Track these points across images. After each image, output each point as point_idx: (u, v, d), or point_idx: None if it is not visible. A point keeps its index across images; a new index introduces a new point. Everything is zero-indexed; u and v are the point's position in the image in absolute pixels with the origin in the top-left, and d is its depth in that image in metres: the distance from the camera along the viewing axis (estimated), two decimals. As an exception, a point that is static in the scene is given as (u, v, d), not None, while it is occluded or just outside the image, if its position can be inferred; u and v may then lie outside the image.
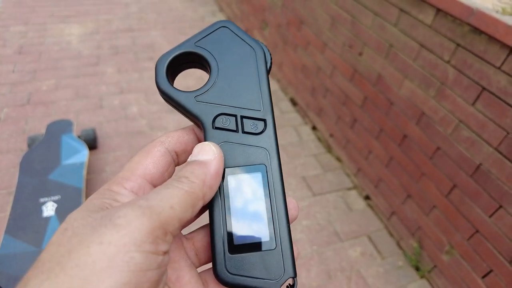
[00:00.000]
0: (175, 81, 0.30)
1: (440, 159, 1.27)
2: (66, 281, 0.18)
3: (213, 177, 0.24)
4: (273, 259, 0.26)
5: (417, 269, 1.46)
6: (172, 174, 0.28)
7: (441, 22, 1.16)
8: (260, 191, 0.27)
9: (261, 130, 0.28)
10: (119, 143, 1.85)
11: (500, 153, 1.06)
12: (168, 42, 2.81)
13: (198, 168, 0.24)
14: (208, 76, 0.29)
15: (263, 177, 0.27)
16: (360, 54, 1.57)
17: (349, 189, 1.79)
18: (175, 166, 0.29)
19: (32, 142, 1.67)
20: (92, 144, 1.75)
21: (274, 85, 2.46)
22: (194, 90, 0.28)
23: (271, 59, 0.30)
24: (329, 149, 1.98)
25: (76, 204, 1.36)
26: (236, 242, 0.26)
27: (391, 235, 1.59)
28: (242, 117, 0.28)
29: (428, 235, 1.39)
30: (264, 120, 0.28)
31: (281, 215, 0.26)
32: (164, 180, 0.27)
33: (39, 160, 1.50)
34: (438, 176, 1.29)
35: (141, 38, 2.83)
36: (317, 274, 1.40)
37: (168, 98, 0.28)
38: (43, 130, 1.79)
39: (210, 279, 0.27)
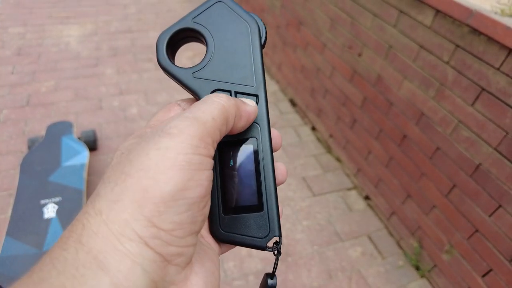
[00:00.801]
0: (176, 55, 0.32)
1: (440, 159, 1.28)
2: (134, 183, 0.20)
3: (247, 111, 0.27)
4: (261, 220, 0.29)
5: (417, 268, 1.47)
6: None
7: (440, 23, 1.17)
8: (251, 161, 0.29)
9: None
10: (119, 144, 1.85)
11: (500, 153, 1.06)
12: (167, 43, 2.81)
13: (240, 102, 0.27)
14: (206, 50, 0.30)
15: (254, 148, 0.29)
16: (360, 55, 1.58)
17: (349, 189, 1.79)
18: None
19: (32, 143, 1.67)
20: (92, 145, 1.75)
21: (273, 86, 2.46)
22: (192, 67, 0.30)
23: (266, 33, 0.31)
24: (328, 150, 1.99)
25: (77, 205, 1.36)
26: (228, 204, 0.29)
27: (391, 235, 1.60)
28: (236, 92, 0.29)
29: (428, 235, 1.40)
30: (257, 96, 0.30)
31: (269, 182, 0.29)
32: None
33: (40, 161, 1.50)
34: (438, 176, 1.30)
35: (140, 39, 2.83)
36: (318, 274, 1.41)
37: (169, 74, 0.30)
38: (42, 132, 1.79)
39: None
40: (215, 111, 0.24)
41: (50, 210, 1.33)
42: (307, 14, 1.91)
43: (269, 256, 1.40)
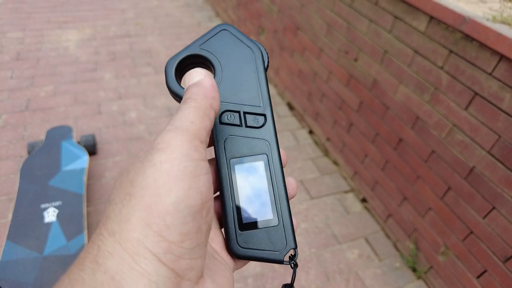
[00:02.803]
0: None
1: (435, 162, 1.30)
2: (138, 202, 0.21)
3: (210, 90, 0.27)
4: (276, 234, 0.30)
5: (414, 270, 1.49)
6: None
7: (434, 29, 1.19)
8: (263, 177, 0.31)
9: (262, 124, 0.32)
10: (118, 148, 1.87)
11: (493, 156, 1.09)
12: (165, 48, 2.84)
13: (195, 88, 0.27)
14: (213, 76, 0.32)
15: (265, 164, 0.31)
16: (356, 59, 1.61)
17: (346, 192, 1.82)
18: None
19: (32, 148, 1.68)
20: (91, 149, 1.76)
21: (271, 90, 2.48)
22: None
23: (268, 58, 0.33)
24: (326, 153, 2.01)
25: (77, 209, 1.38)
26: (244, 221, 0.30)
27: (388, 237, 1.62)
28: (245, 113, 0.31)
29: (424, 237, 1.42)
30: (264, 115, 0.32)
31: (282, 196, 0.30)
32: None
33: (40, 166, 1.51)
34: (433, 179, 1.32)
35: (138, 44, 2.85)
36: (315, 276, 1.42)
37: (178, 98, 0.31)
38: (42, 136, 1.80)
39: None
40: (190, 115, 0.25)
41: (50, 214, 1.34)
42: (304, 19, 1.93)
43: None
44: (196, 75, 0.29)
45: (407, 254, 1.52)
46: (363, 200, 1.76)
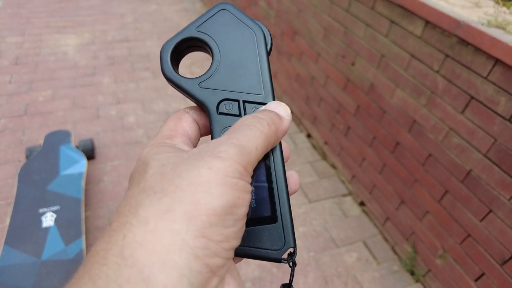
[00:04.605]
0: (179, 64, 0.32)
1: (432, 166, 1.30)
2: (186, 195, 0.21)
3: (283, 132, 0.27)
4: (275, 232, 0.28)
5: (412, 273, 1.49)
6: (198, 141, 0.31)
7: (430, 34, 1.20)
8: (263, 171, 0.29)
9: None
10: (117, 153, 1.87)
11: (489, 159, 1.09)
12: (163, 52, 2.84)
13: (275, 117, 0.27)
14: (211, 59, 0.30)
15: (265, 159, 0.29)
16: (353, 64, 1.62)
17: (344, 195, 1.82)
18: (199, 136, 0.31)
19: (30, 153, 1.68)
20: (90, 154, 1.76)
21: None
22: (198, 76, 0.29)
23: (271, 40, 0.31)
24: (324, 156, 2.02)
25: (75, 214, 1.38)
26: None
27: (386, 240, 1.62)
28: (245, 101, 0.29)
29: (422, 240, 1.42)
30: (265, 104, 0.29)
31: (282, 192, 0.29)
32: (197, 143, 0.30)
33: (38, 170, 1.51)
34: (430, 182, 1.33)
35: (137, 48, 2.86)
36: (314, 280, 1.42)
37: (174, 85, 0.29)
38: (40, 141, 1.80)
39: None
40: (258, 141, 0.24)
41: (48, 219, 1.34)
42: (301, 24, 1.95)
43: (266, 263, 1.41)
44: (284, 109, 0.28)
45: (405, 257, 1.52)
46: (361, 204, 1.76)
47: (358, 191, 1.78)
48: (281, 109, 0.28)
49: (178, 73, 0.29)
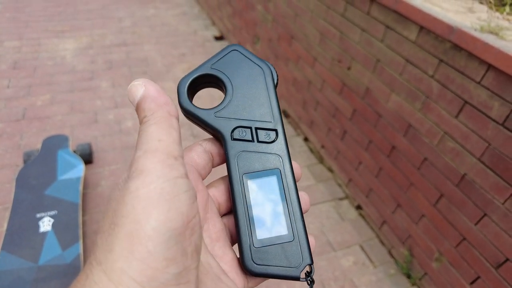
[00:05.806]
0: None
1: (427, 170, 1.31)
2: (120, 230, 0.21)
3: (158, 97, 0.26)
4: (292, 250, 0.29)
5: (409, 276, 1.50)
6: (210, 171, 0.32)
7: (425, 39, 1.22)
8: (276, 191, 0.31)
9: (273, 139, 0.32)
10: (114, 157, 1.88)
11: (483, 163, 1.10)
12: (161, 56, 2.86)
13: (143, 103, 0.26)
14: (224, 94, 0.33)
15: (278, 179, 0.31)
16: (349, 68, 1.63)
17: (341, 199, 1.83)
18: (212, 166, 0.32)
19: (28, 157, 1.68)
20: (87, 158, 1.77)
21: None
22: (214, 107, 0.32)
23: (277, 76, 0.34)
24: (321, 160, 2.03)
25: (73, 219, 1.38)
26: (259, 237, 0.29)
27: (383, 243, 1.63)
28: (257, 128, 0.32)
29: (418, 243, 1.43)
30: (276, 130, 0.32)
31: (296, 210, 0.30)
32: (207, 172, 0.31)
33: (35, 175, 1.51)
34: (425, 186, 1.34)
35: (135, 53, 2.87)
36: (311, 283, 1.43)
37: (191, 116, 0.31)
38: (38, 145, 1.81)
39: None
40: (154, 133, 0.24)
41: (45, 224, 1.34)
42: (298, 28, 1.96)
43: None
44: (136, 90, 0.26)
45: (401, 260, 1.53)
46: (358, 207, 1.77)
47: (354, 195, 1.78)
48: (135, 92, 0.26)
49: (194, 105, 0.32)
